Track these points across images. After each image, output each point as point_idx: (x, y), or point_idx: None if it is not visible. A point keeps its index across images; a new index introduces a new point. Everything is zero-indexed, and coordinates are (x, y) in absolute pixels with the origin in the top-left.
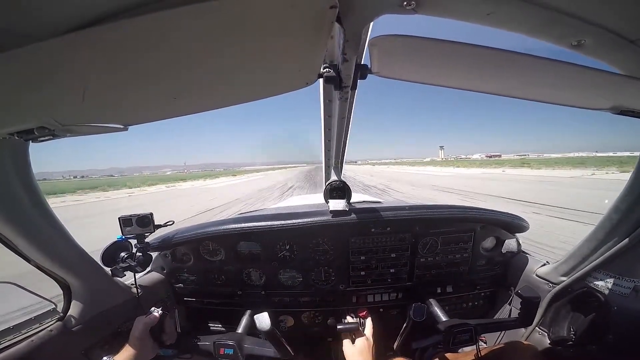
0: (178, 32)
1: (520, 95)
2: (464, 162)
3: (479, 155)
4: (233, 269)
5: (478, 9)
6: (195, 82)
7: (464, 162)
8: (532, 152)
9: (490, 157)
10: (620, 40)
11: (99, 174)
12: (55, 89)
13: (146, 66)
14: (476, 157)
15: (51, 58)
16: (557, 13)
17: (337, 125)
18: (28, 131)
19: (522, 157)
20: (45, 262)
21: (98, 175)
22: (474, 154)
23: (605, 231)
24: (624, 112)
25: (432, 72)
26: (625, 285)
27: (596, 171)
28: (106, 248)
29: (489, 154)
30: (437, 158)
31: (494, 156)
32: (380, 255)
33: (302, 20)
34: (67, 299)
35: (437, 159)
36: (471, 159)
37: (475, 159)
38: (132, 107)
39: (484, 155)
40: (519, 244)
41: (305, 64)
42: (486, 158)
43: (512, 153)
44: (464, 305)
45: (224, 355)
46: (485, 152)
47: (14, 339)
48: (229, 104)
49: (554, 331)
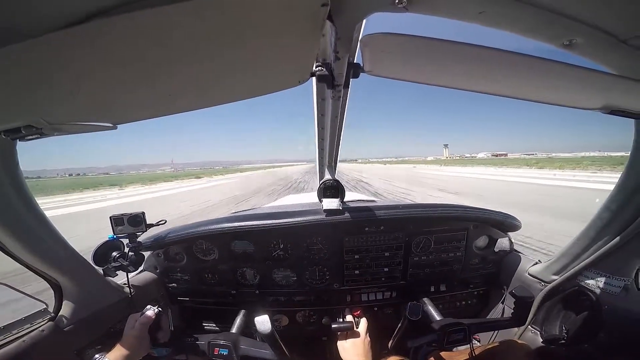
0: (170, 30)
1: (512, 94)
2: (470, 161)
3: (484, 154)
4: (227, 268)
5: (469, 7)
6: (188, 81)
7: (470, 161)
8: (542, 151)
9: (497, 156)
10: (612, 40)
11: (98, 171)
12: (43, 87)
13: (138, 64)
14: (481, 156)
15: (40, 56)
16: (548, 12)
17: (331, 124)
18: (15, 130)
19: (530, 156)
20: (35, 262)
21: (95, 173)
22: (479, 153)
23: (596, 230)
24: (614, 112)
25: (424, 71)
26: (616, 284)
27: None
28: (97, 247)
29: (495, 153)
30: (441, 157)
31: (500, 155)
32: (374, 254)
33: (294, 18)
34: (59, 299)
35: (441, 157)
36: (476, 158)
37: (481, 157)
38: (121, 106)
39: (490, 154)
40: (511, 242)
41: (297, 63)
42: (492, 157)
43: (519, 152)
44: (458, 304)
45: (218, 355)
46: (491, 151)
47: (5, 340)
48: (221, 102)
49: (546, 330)
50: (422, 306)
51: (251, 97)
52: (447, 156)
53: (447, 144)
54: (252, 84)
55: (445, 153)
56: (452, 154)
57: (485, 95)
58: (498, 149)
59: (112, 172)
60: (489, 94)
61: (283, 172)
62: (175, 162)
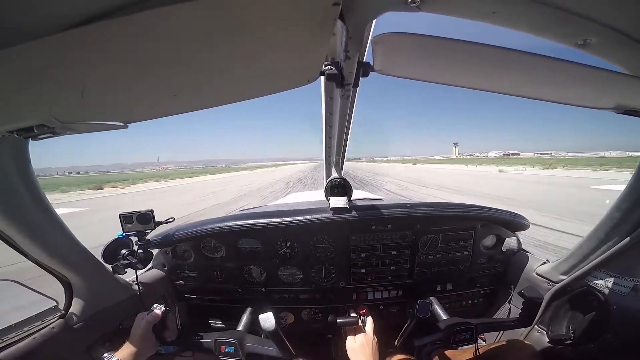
0: (178, 28)
1: (524, 94)
2: (480, 160)
3: (495, 153)
4: (233, 266)
5: (483, 7)
6: (196, 80)
7: (480, 160)
8: (559, 150)
9: (508, 156)
10: (626, 40)
11: (102, 169)
12: (55, 86)
13: (146, 63)
14: (493, 155)
15: (51, 56)
16: (563, 12)
17: (339, 123)
18: (28, 129)
19: (544, 156)
20: (45, 259)
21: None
22: (490, 152)
23: (606, 230)
24: (628, 112)
25: (436, 70)
26: (625, 284)
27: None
28: (107, 245)
29: (507, 152)
30: (450, 155)
31: (512, 154)
32: (381, 253)
33: (304, 17)
34: (69, 296)
35: (451, 156)
36: (488, 157)
37: (492, 157)
38: (132, 105)
39: (501, 153)
40: (519, 242)
41: (307, 61)
42: (503, 156)
43: (533, 151)
44: (464, 303)
45: (224, 353)
46: (503, 150)
47: (16, 337)
48: (230, 101)
49: (552, 330)
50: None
51: (260, 96)
52: (457, 155)
53: (456, 142)
54: (261, 83)
55: (455, 152)
56: (462, 153)
57: (494, 94)
58: (509, 148)
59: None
60: (500, 93)
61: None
62: (160, 161)
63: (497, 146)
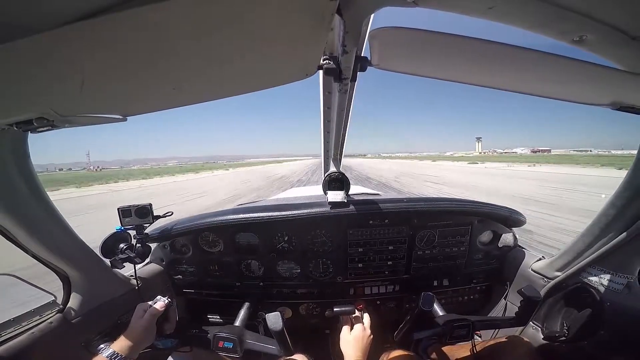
0: (177, 22)
1: (520, 90)
2: (512, 157)
3: (522, 149)
4: (231, 260)
5: (479, 2)
6: (195, 73)
7: (512, 157)
8: (598, 148)
9: (536, 152)
10: (622, 37)
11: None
12: (54, 80)
13: (145, 56)
14: (520, 152)
15: (50, 49)
16: (558, 8)
17: (337, 117)
18: (27, 122)
19: (580, 153)
20: (43, 253)
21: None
22: (516, 148)
23: (600, 227)
24: (623, 108)
25: (432, 65)
26: (619, 281)
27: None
28: (105, 239)
29: (535, 149)
30: (472, 152)
31: (542, 151)
32: (378, 248)
33: (302, 11)
34: (67, 291)
35: (474, 152)
36: (516, 154)
37: (520, 154)
38: (131, 98)
39: (529, 150)
40: (515, 238)
41: (305, 56)
42: (531, 153)
43: (564, 148)
44: (460, 299)
45: (222, 349)
46: (531, 147)
47: (15, 332)
48: (228, 94)
49: (547, 326)
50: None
51: (258, 89)
52: (480, 151)
53: (480, 137)
54: (259, 77)
55: (478, 147)
56: (487, 149)
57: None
58: (536, 144)
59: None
60: (496, 89)
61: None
62: (91, 160)
63: (531, 143)
